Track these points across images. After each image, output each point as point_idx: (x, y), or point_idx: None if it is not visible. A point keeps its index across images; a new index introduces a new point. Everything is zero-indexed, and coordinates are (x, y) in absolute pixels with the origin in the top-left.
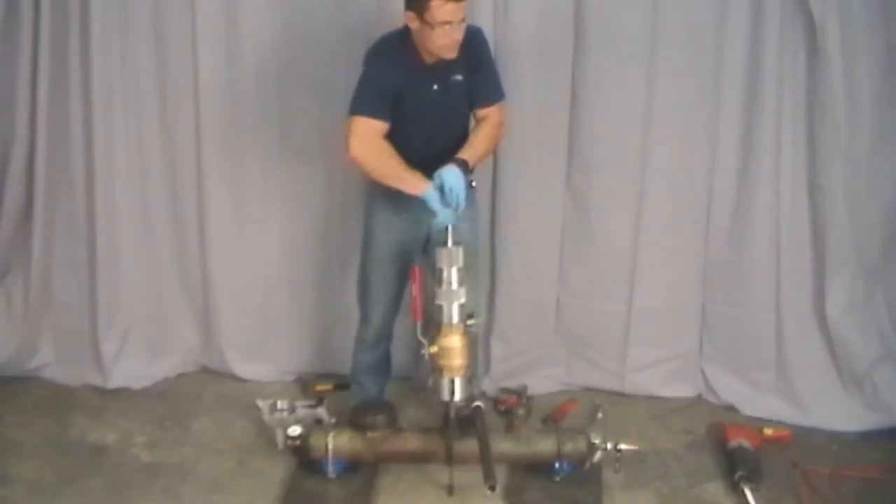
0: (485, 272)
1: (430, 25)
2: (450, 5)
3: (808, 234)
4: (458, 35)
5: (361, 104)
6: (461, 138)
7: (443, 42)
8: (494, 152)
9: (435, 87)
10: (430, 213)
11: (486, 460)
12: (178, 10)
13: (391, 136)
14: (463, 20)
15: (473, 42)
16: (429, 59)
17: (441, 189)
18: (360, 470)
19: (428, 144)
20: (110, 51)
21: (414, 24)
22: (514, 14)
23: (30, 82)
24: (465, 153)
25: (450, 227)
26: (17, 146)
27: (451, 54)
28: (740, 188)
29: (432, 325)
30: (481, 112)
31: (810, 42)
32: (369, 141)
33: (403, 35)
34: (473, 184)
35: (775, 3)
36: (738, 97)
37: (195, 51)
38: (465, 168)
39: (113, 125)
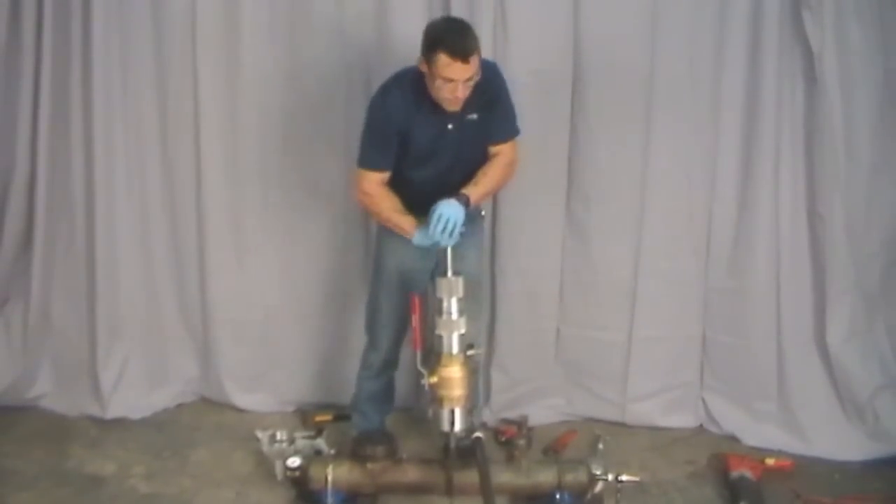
0: (485, 302)
1: (434, 77)
2: (456, 65)
3: (808, 263)
4: (462, 93)
5: (365, 158)
6: (469, 177)
7: (444, 95)
8: None
9: (450, 126)
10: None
11: (486, 491)
12: (179, 39)
13: (410, 174)
14: (470, 79)
15: (488, 79)
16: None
17: (433, 219)
18: (359, 501)
19: (446, 181)
20: (111, 80)
21: (424, 69)
22: (514, 46)
23: (31, 110)
24: (469, 189)
25: (449, 257)
26: (18, 174)
27: (455, 108)
28: (740, 217)
29: (432, 355)
30: (494, 148)
31: (808, 72)
32: (372, 191)
33: (417, 77)
34: (483, 213)
35: (773, 34)
36: (737, 127)
37: (196, 81)
38: (466, 203)
39: (114, 154)
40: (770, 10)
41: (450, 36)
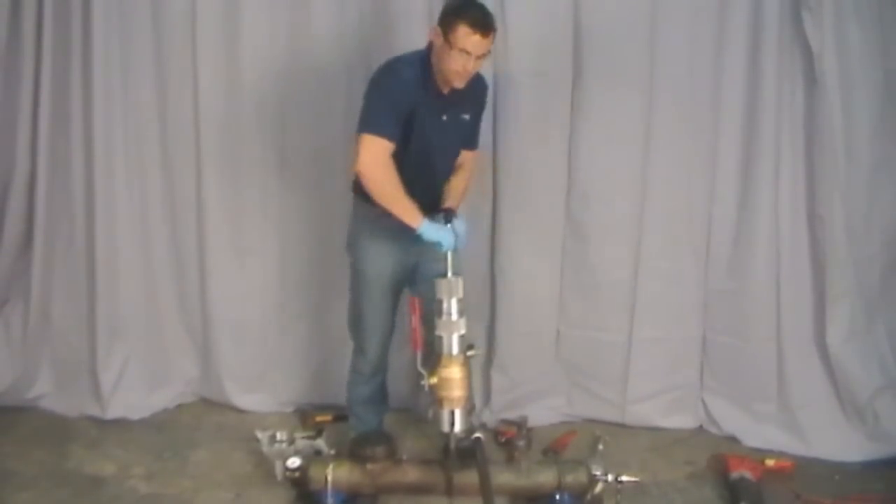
0: (484, 303)
1: (451, 47)
2: (475, 38)
3: (808, 264)
4: (473, 68)
5: (375, 123)
6: (448, 175)
7: (456, 67)
8: (494, 183)
9: (444, 117)
10: (431, 243)
11: (486, 492)
12: (179, 41)
13: (401, 166)
14: (483, 56)
15: (482, 92)
16: (444, 88)
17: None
18: (359, 502)
19: (425, 173)
20: (111, 81)
21: (438, 40)
22: (514, 45)
23: (31, 111)
24: (451, 202)
25: (449, 257)
26: (18, 174)
27: (459, 84)
28: (740, 218)
29: (432, 356)
30: (463, 155)
31: (808, 72)
32: (379, 159)
33: (423, 58)
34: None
35: (773, 34)
36: (737, 127)
37: (196, 82)
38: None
39: (113, 155)
40: (770, 11)
41: (473, 9)
